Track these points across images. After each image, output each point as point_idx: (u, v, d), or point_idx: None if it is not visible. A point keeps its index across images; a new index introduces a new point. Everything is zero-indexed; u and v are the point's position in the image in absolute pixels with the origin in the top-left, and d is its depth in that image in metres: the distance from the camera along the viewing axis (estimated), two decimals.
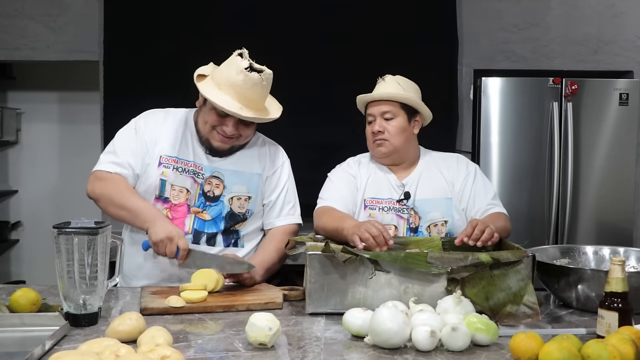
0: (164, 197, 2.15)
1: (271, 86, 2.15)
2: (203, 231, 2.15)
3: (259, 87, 2.07)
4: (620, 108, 3.74)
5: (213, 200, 2.16)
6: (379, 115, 2.30)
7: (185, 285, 1.92)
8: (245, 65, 2.04)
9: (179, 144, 2.17)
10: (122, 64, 3.92)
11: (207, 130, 2.14)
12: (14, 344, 1.56)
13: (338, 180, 2.36)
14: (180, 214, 2.14)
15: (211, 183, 2.17)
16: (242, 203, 2.19)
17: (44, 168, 5.09)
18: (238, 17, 3.90)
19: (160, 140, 2.17)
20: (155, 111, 2.26)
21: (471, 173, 2.35)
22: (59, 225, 1.69)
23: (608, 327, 1.55)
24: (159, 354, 1.31)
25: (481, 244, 1.93)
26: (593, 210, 3.77)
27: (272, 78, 2.12)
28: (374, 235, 1.91)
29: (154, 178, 2.14)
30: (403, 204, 2.28)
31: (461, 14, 4.05)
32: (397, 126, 2.30)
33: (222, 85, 2.07)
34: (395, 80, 2.33)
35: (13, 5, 4.08)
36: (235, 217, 2.19)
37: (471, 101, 4.00)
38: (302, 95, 3.90)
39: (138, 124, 2.20)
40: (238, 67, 2.05)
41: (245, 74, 2.04)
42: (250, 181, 2.21)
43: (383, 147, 2.31)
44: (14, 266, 5.18)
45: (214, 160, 2.19)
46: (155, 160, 2.15)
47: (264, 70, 2.08)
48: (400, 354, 1.50)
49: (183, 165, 2.16)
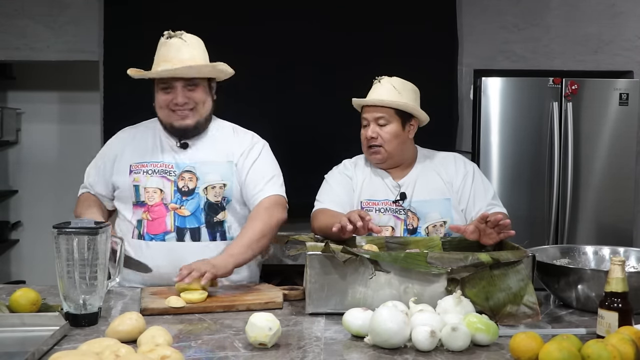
0: (141, 201, 2.18)
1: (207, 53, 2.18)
2: (185, 227, 2.16)
3: (185, 47, 2.11)
4: (620, 108, 3.74)
5: (189, 194, 2.18)
6: (373, 120, 2.29)
7: (181, 285, 1.91)
8: (165, 37, 2.13)
9: (149, 149, 2.22)
10: (122, 64, 3.91)
11: (165, 115, 2.18)
12: (14, 344, 1.56)
13: (334, 182, 2.36)
14: (158, 213, 2.16)
15: (184, 178, 2.18)
16: (218, 191, 2.19)
17: (44, 168, 5.09)
18: (238, 17, 3.91)
19: (128, 152, 2.23)
20: (124, 130, 2.35)
21: (469, 172, 2.34)
22: (59, 225, 1.69)
23: (608, 327, 1.55)
24: (159, 354, 1.31)
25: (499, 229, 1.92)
26: (593, 210, 3.77)
27: (197, 40, 2.16)
28: (353, 222, 1.91)
29: (127, 186, 2.20)
30: (399, 204, 2.28)
31: (461, 13, 4.05)
32: (391, 132, 2.29)
33: (155, 66, 2.14)
34: (391, 83, 2.30)
35: (13, 5, 4.08)
36: (213, 206, 2.18)
37: (471, 101, 4.00)
38: (300, 97, 3.91)
39: (105, 147, 2.33)
40: (160, 42, 2.14)
41: (165, 42, 2.13)
42: (222, 169, 2.21)
43: (378, 155, 2.31)
44: (14, 266, 5.19)
45: (183, 157, 2.20)
46: (126, 170, 2.20)
47: (183, 33, 2.14)
48: (400, 354, 1.50)
49: (152, 167, 2.19)
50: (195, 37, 2.16)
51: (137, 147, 2.23)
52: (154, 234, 2.15)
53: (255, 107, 3.67)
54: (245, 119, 2.41)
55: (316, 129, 3.87)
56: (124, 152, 2.24)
